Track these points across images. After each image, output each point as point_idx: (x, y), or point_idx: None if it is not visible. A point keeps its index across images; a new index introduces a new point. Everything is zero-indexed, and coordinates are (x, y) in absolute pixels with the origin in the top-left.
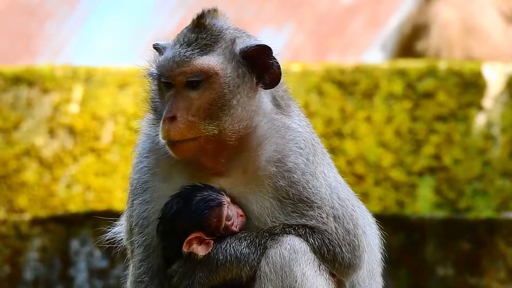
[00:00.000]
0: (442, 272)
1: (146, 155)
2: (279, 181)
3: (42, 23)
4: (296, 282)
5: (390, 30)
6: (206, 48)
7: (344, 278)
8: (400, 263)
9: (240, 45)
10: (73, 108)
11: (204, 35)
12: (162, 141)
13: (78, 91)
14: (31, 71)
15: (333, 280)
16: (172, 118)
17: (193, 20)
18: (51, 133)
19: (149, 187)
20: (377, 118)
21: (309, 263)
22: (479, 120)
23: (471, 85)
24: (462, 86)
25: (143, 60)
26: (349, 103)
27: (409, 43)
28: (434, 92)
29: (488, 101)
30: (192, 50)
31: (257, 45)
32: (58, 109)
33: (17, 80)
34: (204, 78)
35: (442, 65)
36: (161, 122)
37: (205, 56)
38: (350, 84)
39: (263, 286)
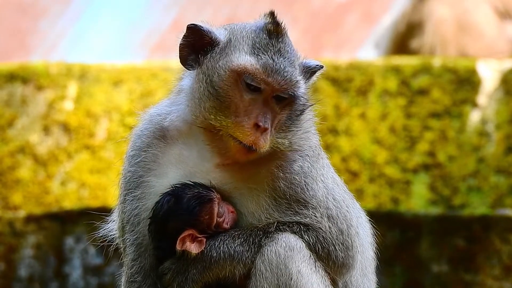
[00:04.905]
0: (437, 269)
1: (145, 149)
2: (280, 182)
3: (36, 20)
4: (291, 279)
5: (384, 28)
6: (296, 65)
7: (338, 277)
8: (395, 260)
9: (305, 62)
10: (68, 105)
11: (288, 49)
12: (244, 142)
13: (72, 88)
14: (25, 68)
15: (328, 277)
16: (263, 129)
17: (271, 28)
18: (46, 130)
19: (143, 182)
20: (372, 115)
21: (305, 260)
22: (474, 117)
23: (465, 82)
24: (456, 83)
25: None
26: (343, 100)
27: (403, 40)
28: (428, 89)
29: (482, 98)
30: (294, 68)
31: (320, 65)
32: (52, 106)
33: (12, 77)
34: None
35: (437, 62)
36: (246, 124)
37: (301, 80)
38: (344, 81)
39: (258, 284)
